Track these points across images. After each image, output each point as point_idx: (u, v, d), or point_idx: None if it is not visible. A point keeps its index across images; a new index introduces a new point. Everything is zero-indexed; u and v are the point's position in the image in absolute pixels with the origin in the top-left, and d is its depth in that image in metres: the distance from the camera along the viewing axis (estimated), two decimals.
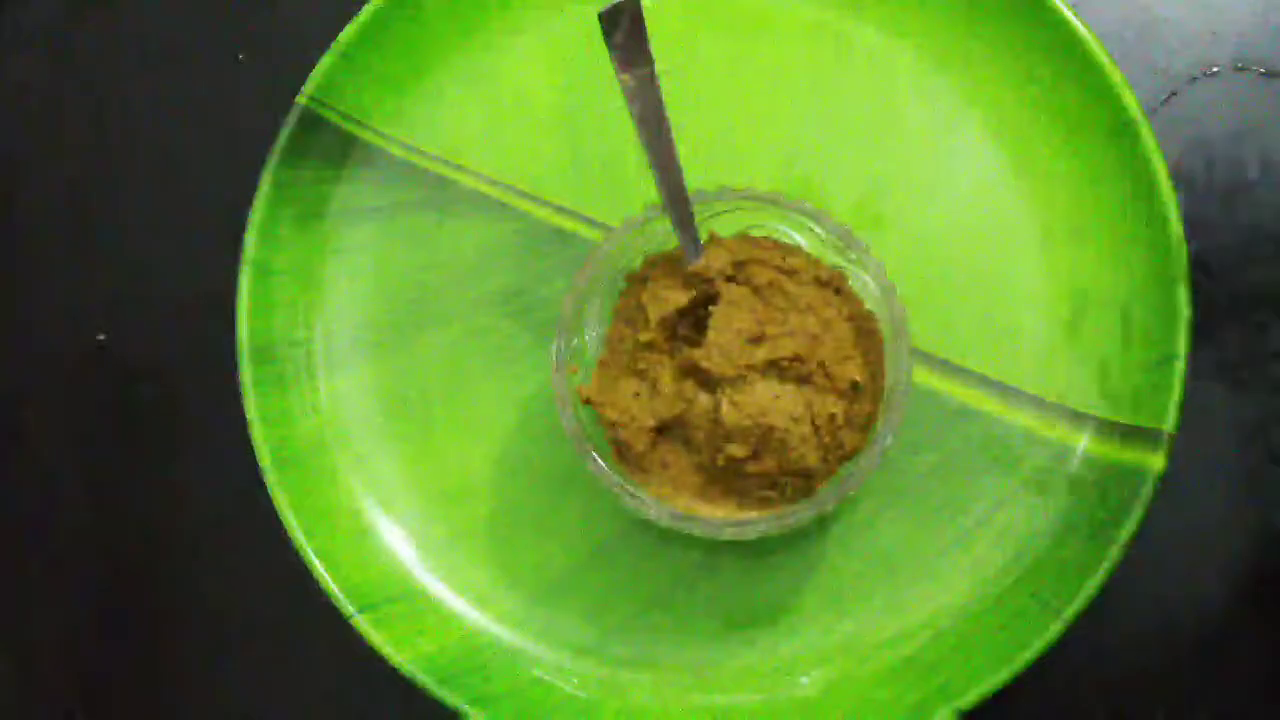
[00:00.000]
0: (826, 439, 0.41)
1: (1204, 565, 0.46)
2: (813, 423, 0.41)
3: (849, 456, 0.42)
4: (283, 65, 0.47)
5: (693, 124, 0.47)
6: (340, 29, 0.46)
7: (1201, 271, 0.44)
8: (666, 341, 0.42)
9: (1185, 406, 0.43)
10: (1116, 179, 0.44)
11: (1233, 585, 0.45)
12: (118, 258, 0.50)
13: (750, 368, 0.41)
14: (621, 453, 0.42)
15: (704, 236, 0.42)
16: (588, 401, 0.42)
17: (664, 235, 0.43)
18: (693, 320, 0.43)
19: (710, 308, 0.42)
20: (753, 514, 0.42)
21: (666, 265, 0.43)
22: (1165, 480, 0.42)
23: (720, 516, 0.42)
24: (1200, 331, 0.43)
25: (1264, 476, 0.46)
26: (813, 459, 0.41)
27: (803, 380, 0.41)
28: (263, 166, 0.46)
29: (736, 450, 0.41)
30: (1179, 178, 0.44)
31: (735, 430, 0.41)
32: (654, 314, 0.42)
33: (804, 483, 0.42)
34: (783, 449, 0.41)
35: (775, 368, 0.41)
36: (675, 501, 0.42)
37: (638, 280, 0.43)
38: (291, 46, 0.47)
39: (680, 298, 0.42)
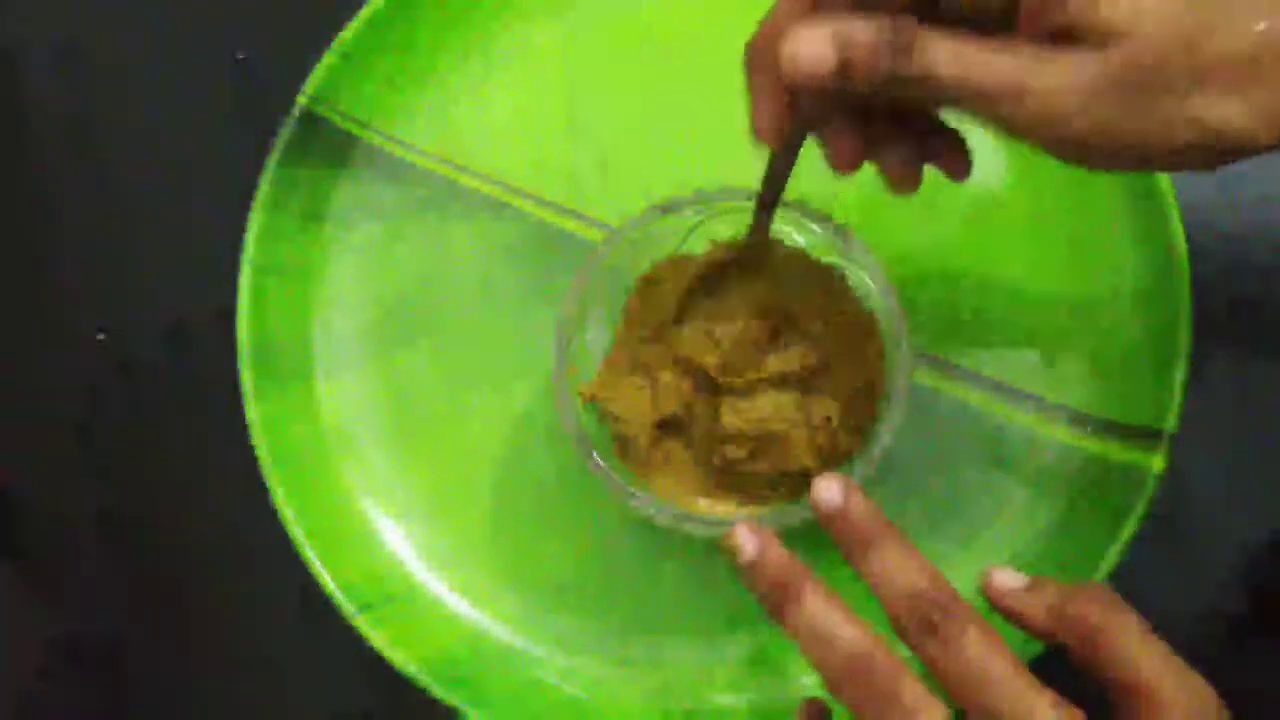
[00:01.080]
0: (822, 440, 0.41)
1: (1203, 565, 0.46)
2: (809, 424, 0.41)
3: (845, 457, 0.42)
4: (283, 65, 0.47)
5: (696, 123, 0.47)
6: (340, 29, 0.46)
7: (1202, 271, 0.44)
8: (672, 339, 0.42)
9: (1185, 406, 0.43)
10: (1117, 179, 0.44)
11: (1233, 585, 0.45)
12: (118, 257, 0.50)
13: (760, 381, 0.41)
14: (624, 448, 0.42)
15: (705, 237, 0.42)
16: (590, 399, 0.42)
17: (665, 235, 0.43)
18: (701, 308, 0.43)
19: (716, 308, 0.42)
20: (749, 512, 0.42)
21: (679, 267, 0.43)
22: (1165, 480, 0.42)
23: (720, 513, 0.42)
24: (1200, 331, 0.43)
25: (1264, 476, 0.46)
26: (809, 460, 0.41)
27: (803, 384, 0.41)
28: (263, 166, 0.46)
29: (734, 451, 0.41)
30: (1179, 177, 0.44)
31: (734, 433, 0.41)
32: (661, 314, 0.42)
33: (800, 482, 0.42)
34: (779, 451, 0.41)
35: (779, 377, 0.41)
36: (676, 498, 0.42)
37: (649, 282, 0.43)
38: (291, 46, 0.47)
39: (687, 298, 0.42)
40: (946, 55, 0.31)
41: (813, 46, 0.31)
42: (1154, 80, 0.30)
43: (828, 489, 0.35)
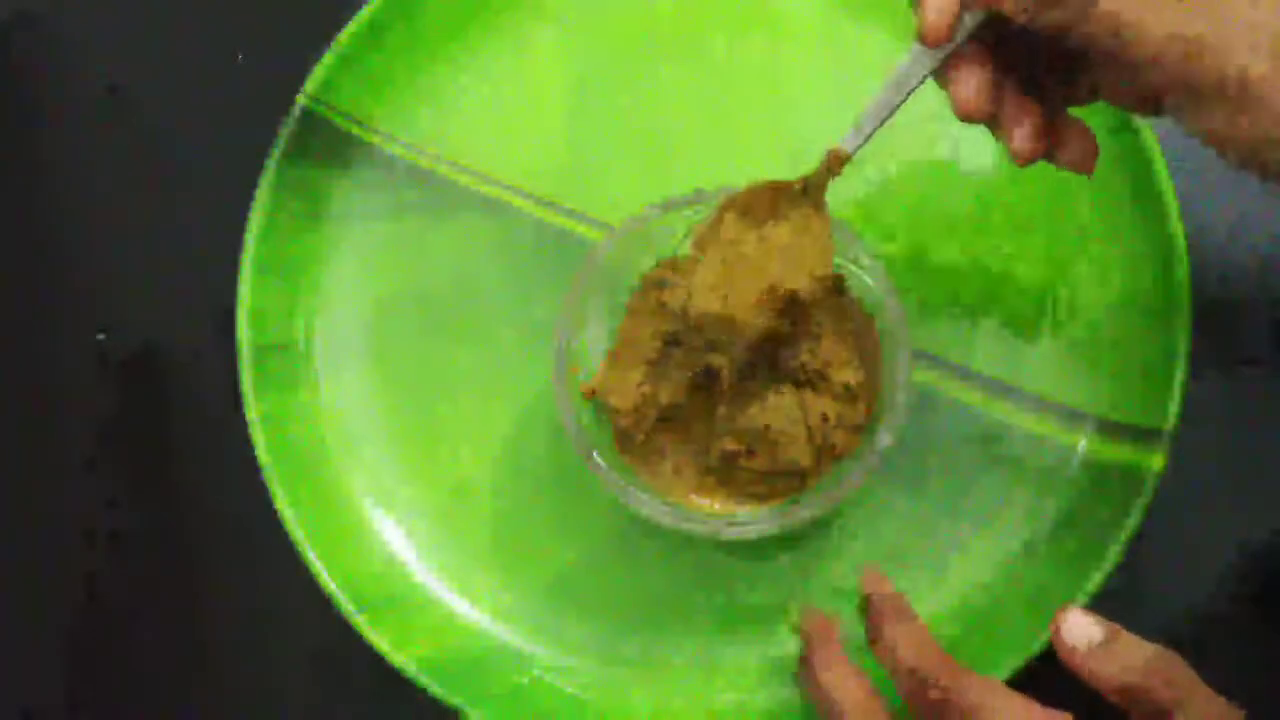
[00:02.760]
0: (818, 439, 0.41)
1: (1203, 565, 0.46)
2: (807, 423, 0.41)
3: (840, 456, 0.42)
4: (283, 65, 0.47)
5: (696, 123, 0.47)
6: (340, 29, 0.46)
7: (1202, 270, 0.44)
8: (678, 336, 0.42)
9: (1185, 406, 0.43)
10: (1117, 177, 0.44)
11: (1232, 585, 0.45)
12: (118, 257, 0.50)
13: (763, 385, 0.41)
14: (623, 442, 0.42)
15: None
16: (591, 395, 0.42)
17: (665, 235, 0.43)
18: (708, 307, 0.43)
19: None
20: (747, 509, 0.42)
21: (689, 267, 0.42)
22: (1165, 480, 0.42)
23: (716, 509, 0.42)
24: (1200, 330, 0.43)
25: (1263, 476, 0.46)
26: (804, 459, 0.41)
27: (801, 383, 0.41)
28: (263, 166, 0.46)
29: (730, 445, 0.41)
30: (1180, 175, 0.44)
31: (731, 429, 0.41)
32: (668, 314, 0.42)
33: (795, 480, 0.42)
34: (774, 448, 0.41)
35: (777, 375, 0.41)
36: (672, 492, 0.42)
37: (653, 283, 0.43)
38: (291, 46, 0.47)
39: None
40: None
41: None
42: None
43: (871, 573, 0.40)
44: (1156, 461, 0.42)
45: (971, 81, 0.36)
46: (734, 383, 0.41)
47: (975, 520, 0.44)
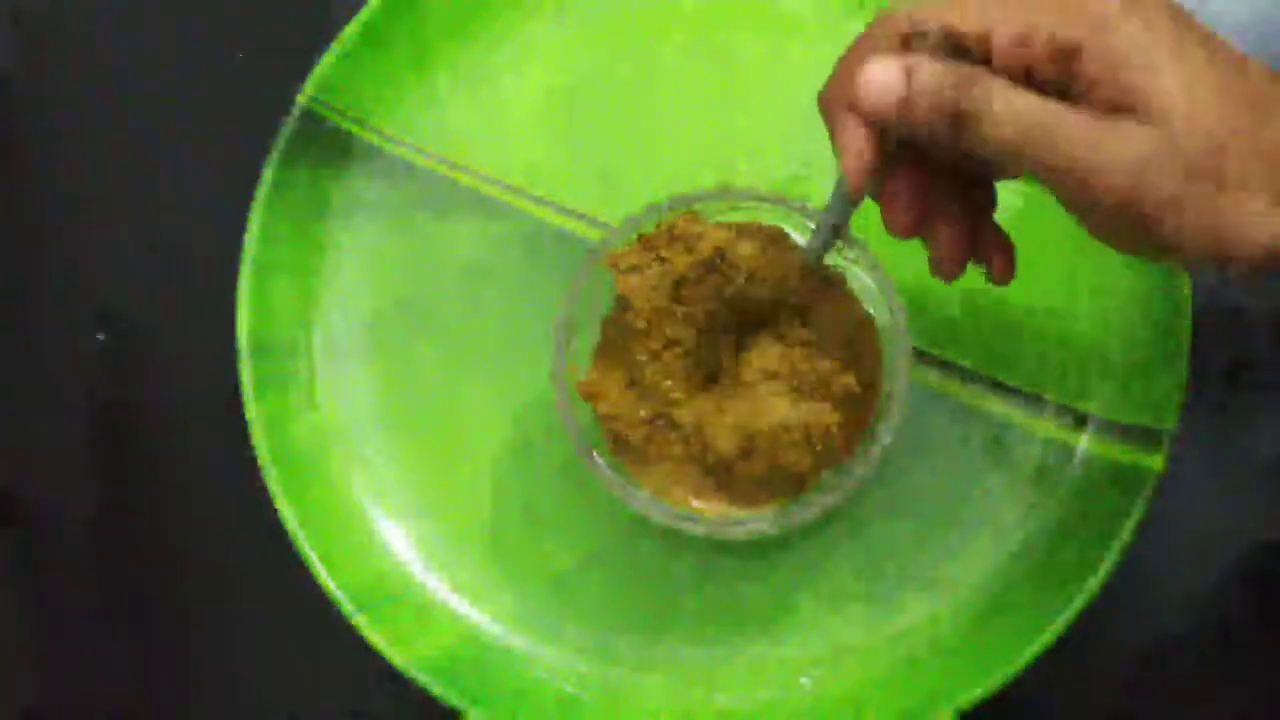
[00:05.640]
0: (818, 439, 0.41)
1: (1204, 565, 0.46)
2: (804, 423, 0.41)
3: (840, 458, 0.42)
4: (283, 65, 0.47)
5: (696, 123, 0.47)
6: (340, 29, 0.46)
7: (1202, 271, 0.44)
8: (657, 329, 0.42)
9: (1185, 406, 0.43)
10: None
11: (1233, 585, 0.45)
12: (117, 257, 0.50)
13: (760, 386, 0.41)
14: (618, 445, 0.42)
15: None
16: (587, 397, 0.42)
17: None
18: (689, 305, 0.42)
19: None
20: (746, 511, 0.42)
21: (650, 246, 0.42)
22: (1165, 480, 0.42)
23: (715, 512, 0.42)
24: (1201, 330, 0.43)
25: (1264, 476, 0.46)
26: (802, 462, 0.41)
27: (796, 384, 0.41)
28: (263, 166, 0.46)
29: (727, 449, 0.41)
30: None
31: (726, 431, 0.41)
32: (641, 303, 0.41)
33: (794, 481, 0.42)
34: (771, 451, 0.41)
35: (774, 376, 0.41)
36: (671, 494, 0.42)
37: (633, 270, 0.43)
38: (291, 46, 0.47)
39: (668, 280, 0.41)
40: (1008, 103, 0.31)
41: (882, 75, 0.31)
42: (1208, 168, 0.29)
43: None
44: (1156, 461, 0.42)
45: (901, 206, 0.35)
46: (730, 383, 0.41)
47: (975, 520, 0.44)
